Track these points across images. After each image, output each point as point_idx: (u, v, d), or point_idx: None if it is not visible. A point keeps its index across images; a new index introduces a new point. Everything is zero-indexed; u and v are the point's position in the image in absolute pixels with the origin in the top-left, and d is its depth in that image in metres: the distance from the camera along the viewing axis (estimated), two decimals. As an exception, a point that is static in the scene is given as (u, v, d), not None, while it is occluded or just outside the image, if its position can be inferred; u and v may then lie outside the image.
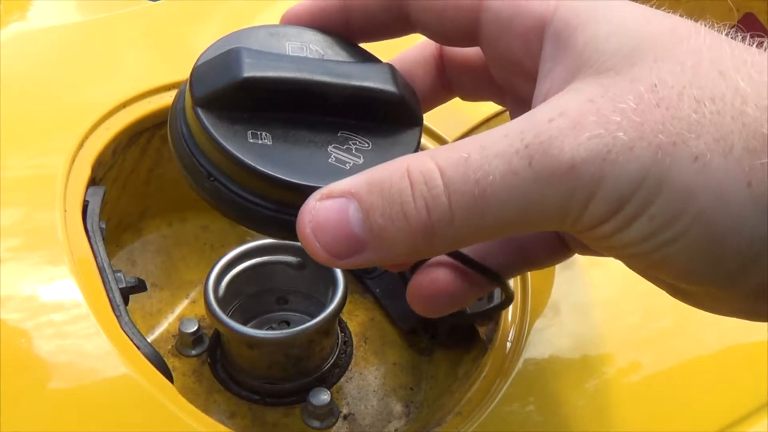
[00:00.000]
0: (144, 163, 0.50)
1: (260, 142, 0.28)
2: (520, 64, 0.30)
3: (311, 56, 0.31)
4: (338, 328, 0.47)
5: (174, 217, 0.53)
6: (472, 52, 0.34)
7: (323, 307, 0.43)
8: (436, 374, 0.46)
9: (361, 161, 0.29)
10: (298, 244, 0.28)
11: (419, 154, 0.27)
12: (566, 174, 0.24)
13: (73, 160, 0.43)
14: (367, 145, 0.30)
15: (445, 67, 0.35)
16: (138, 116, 0.47)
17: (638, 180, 0.24)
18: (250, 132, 0.28)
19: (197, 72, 0.30)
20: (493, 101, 0.35)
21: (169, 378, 0.36)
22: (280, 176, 0.28)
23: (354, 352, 0.47)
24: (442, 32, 0.32)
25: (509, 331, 0.42)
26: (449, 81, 0.35)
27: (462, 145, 0.26)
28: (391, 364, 0.47)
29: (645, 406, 0.40)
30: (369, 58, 0.32)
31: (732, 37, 0.26)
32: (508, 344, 0.41)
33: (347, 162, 0.29)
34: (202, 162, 0.29)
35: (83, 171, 0.43)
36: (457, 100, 0.37)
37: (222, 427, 0.35)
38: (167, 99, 0.48)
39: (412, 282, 0.34)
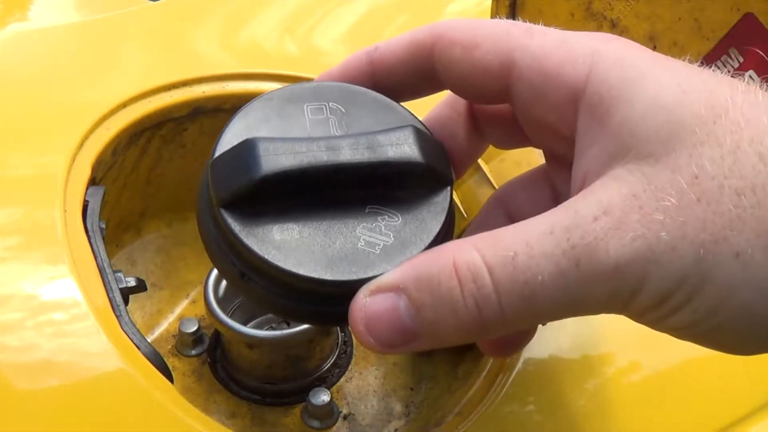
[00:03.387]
0: (144, 163, 0.50)
1: (288, 236, 0.28)
2: (553, 129, 0.30)
3: (332, 117, 0.31)
4: (338, 328, 0.47)
5: (174, 217, 0.53)
6: (503, 106, 0.34)
7: (323, 307, 0.43)
8: (436, 374, 0.46)
9: (390, 240, 0.29)
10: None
11: (463, 244, 0.27)
12: (611, 274, 0.25)
13: (73, 160, 0.43)
14: (396, 219, 0.29)
15: (477, 120, 0.35)
16: (138, 116, 0.47)
17: (681, 278, 0.25)
18: (276, 227, 0.28)
19: (216, 169, 0.29)
20: (528, 146, 0.35)
21: (169, 378, 0.36)
22: (309, 275, 0.28)
23: (354, 352, 0.47)
24: (472, 95, 0.32)
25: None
26: (483, 133, 0.35)
27: (506, 239, 0.26)
28: (391, 364, 0.47)
29: (645, 406, 0.40)
30: (392, 111, 0.32)
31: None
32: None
33: (377, 244, 0.28)
34: (234, 261, 0.29)
35: (83, 171, 0.43)
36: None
37: (222, 427, 0.35)
38: (167, 99, 0.48)
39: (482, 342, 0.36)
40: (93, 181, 0.43)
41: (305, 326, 0.43)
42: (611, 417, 0.39)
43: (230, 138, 0.30)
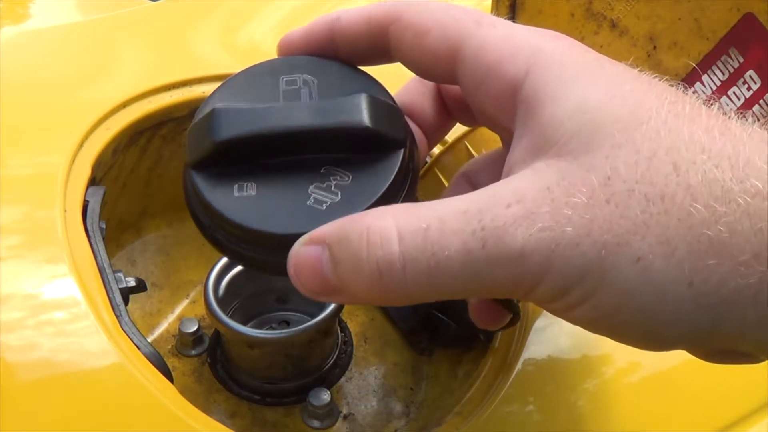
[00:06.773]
0: (144, 163, 0.50)
1: (245, 194, 0.31)
2: (494, 119, 0.31)
3: (304, 88, 0.33)
4: (338, 328, 0.47)
5: (174, 217, 0.53)
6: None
7: (323, 307, 0.43)
8: (436, 374, 0.46)
9: (338, 199, 0.31)
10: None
11: (384, 210, 0.28)
12: (516, 261, 0.26)
13: (73, 160, 0.43)
14: (346, 179, 0.31)
15: (443, 96, 0.36)
16: (138, 116, 0.47)
17: (581, 275, 0.25)
18: (236, 185, 0.31)
19: (189, 135, 0.33)
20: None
21: (169, 378, 0.36)
22: (253, 227, 0.30)
23: (354, 352, 0.47)
24: (425, 76, 0.33)
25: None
26: (449, 109, 0.36)
27: (423, 212, 0.27)
28: (391, 364, 0.47)
29: (645, 406, 0.40)
30: (360, 82, 0.34)
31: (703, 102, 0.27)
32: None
33: (324, 202, 0.30)
34: (201, 216, 0.32)
35: (83, 171, 0.43)
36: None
37: (222, 427, 0.35)
38: (167, 99, 0.48)
39: (471, 307, 0.37)
40: (93, 181, 0.43)
41: (305, 326, 0.43)
42: (611, 417, 0.39)
43: (208, 108, 0.33)
